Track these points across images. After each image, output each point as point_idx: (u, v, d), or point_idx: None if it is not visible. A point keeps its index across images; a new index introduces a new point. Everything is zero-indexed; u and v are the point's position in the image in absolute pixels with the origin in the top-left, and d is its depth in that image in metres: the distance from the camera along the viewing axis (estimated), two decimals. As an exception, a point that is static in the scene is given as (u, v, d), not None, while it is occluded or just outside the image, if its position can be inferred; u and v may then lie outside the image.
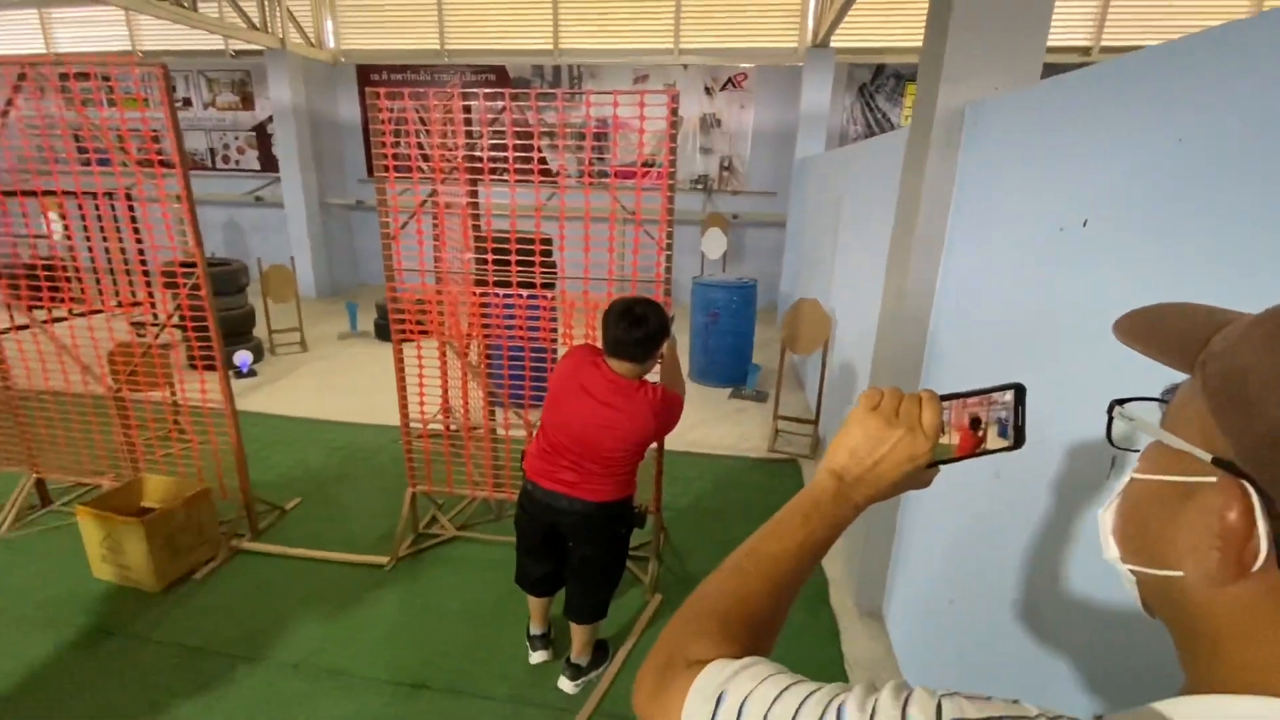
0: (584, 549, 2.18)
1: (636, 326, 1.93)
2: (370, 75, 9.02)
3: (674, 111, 2.46)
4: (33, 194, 3.01)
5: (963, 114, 2.07)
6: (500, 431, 3.25)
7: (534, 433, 2.20)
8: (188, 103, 9.41)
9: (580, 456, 2.01)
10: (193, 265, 2.89)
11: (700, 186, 8.26)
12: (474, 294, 2.90)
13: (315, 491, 3.64)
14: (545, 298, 2.92)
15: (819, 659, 2.49)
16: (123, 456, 3.23)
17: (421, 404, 3.07)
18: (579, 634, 2.30)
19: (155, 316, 4.62)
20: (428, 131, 2.91)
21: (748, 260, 8.43)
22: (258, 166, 9.52)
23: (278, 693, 2.26)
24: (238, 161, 9.62)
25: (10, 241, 3.28)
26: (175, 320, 3.00)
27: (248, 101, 9.35)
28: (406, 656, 2.45)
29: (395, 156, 2.72)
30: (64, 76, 2.73)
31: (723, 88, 8.02)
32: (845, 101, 7.80)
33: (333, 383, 5.49)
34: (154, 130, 2.66)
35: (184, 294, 2.88)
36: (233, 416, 3.05)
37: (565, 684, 2.31)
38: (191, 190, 2.78)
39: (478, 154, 2.91)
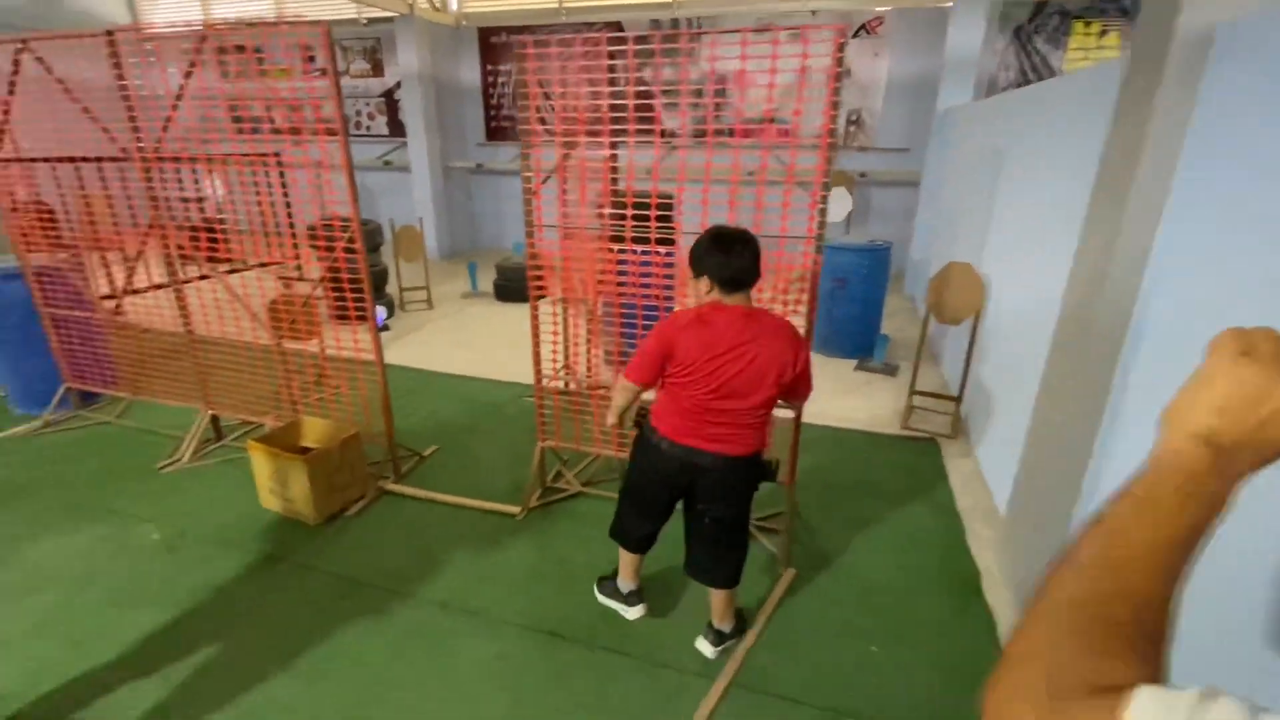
0: (718, 507, 2.08)
1: (747, 247, 1.86)
2: (490, 37, 9.15)
3: (841, 48, 2.22)
4: (208, 159, 3.26)
5: (1211, 37, 1.70)
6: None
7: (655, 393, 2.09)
8: (324, 72, 9.98)
9: (743, 408, 1.92)
10: (335, 225, 3.04)
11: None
12: (610, 251, 2.83)
13: (449, 440, 3.80)
14: (662, 254, 2.81)
15: (972, 660, 2.28)
16: (284, 399, 3.49)
17: (554, 361, 3.07)
18: (720, 599, 2.22)
19: (299, 270, 4.96)
20: (566, 87, 2.81)
21: (873, 222, 7.89)
22: (386, 131, 9.99)
23: (427, 628, 2.38)
24: (368, 127, 10.15)
25: (181, 203, 3.59)
26: (331, 276, 3.16)
27: (378, 68, 9.78)
28: (542, 605, 2.49)
29: (538, 111, 2.64)
30: (234, 49, 2.88)
31: (854, 34, 7.43)
32: (997, 45, 6.99)
33: (458, 338, 5.71)
34: (318, 98, 2.77)
35: (340, 251, 3.02)
36: (382, 367, 3.21)
37: (705, 648, 2.25)
38: (350, 154, 2.89)
39: (621, 107, 2.79)
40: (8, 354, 4.02)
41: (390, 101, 9.79)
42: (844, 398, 4.40)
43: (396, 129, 9.83)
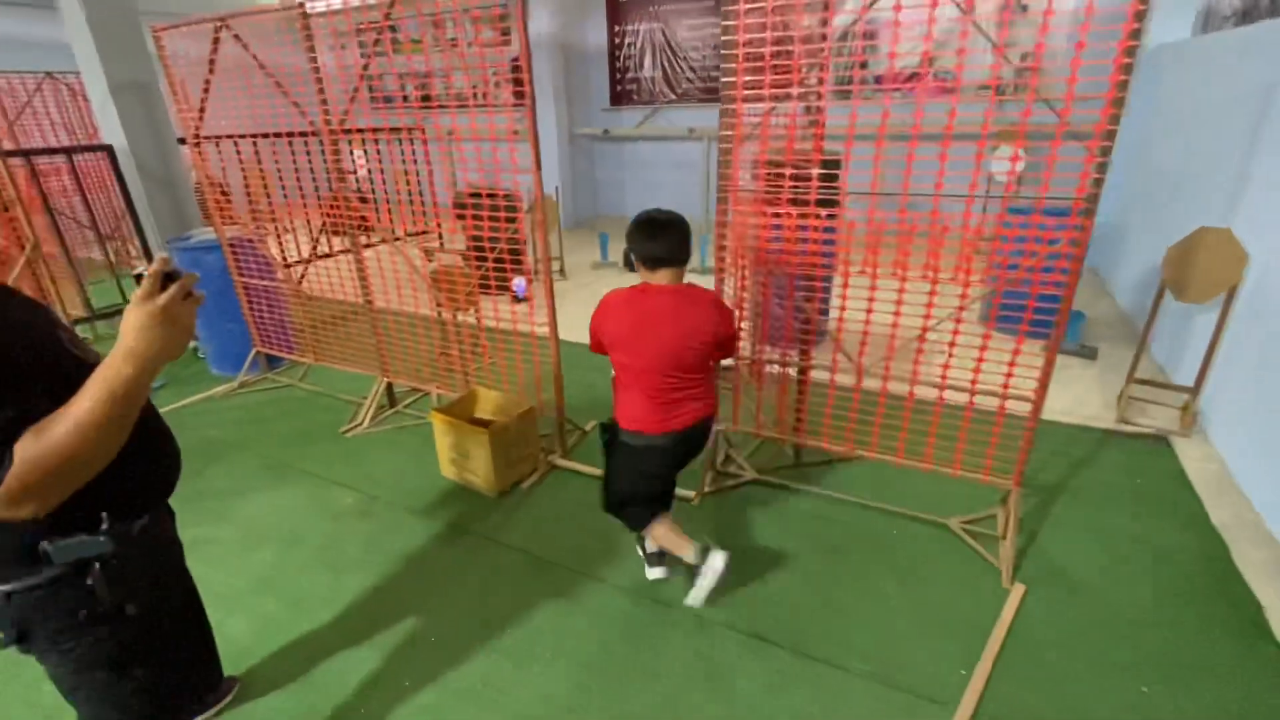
0: (681, 464, 2.26)
1: (669, 230, 2.00)
2: (618, -2, 8.87)
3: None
4: (392, 130, 3.27)
5: None
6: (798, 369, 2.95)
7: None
8: (454, 43, 10.16)
9: (684, 380, 2.05)
10: (479, 196, 2.96)
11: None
12: (814, 216, 2.54)
13: (606, 415, 3.71)
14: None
15: (1259, 710, 1.88)
16: (456, 369, 3.53)
17: (737, 339, 2.85)
18: (664, 523, 2.27)
19: (441, 241, 5.01)
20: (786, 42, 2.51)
21: (1047, 183, 6.97)
22: (513, 100, 10.05)
23: (626, 617, 2.29)
24: (496, 97, 10.26)
25: (349, 174, 3.66)
26: (481, 247, 3.10)
27: (505, 36, 9.80)
28: (738, 602, 2.34)
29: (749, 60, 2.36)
30: (422, 20, 2.81)
31: (1033, -33, 6.47)
32: (1221, -34, 5.83)
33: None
34: (512, 63, 2.68)
35: (502, 225, 2.94)
36: (555, 341, 3.14)
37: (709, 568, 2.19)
38: (537, 123, 2.78)
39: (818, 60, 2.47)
40: (207, 319, 4.36)
41: (517, 70, 9.80)
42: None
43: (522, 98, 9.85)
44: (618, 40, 9.16)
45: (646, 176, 9.73)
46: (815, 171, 2.35)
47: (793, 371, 2.87)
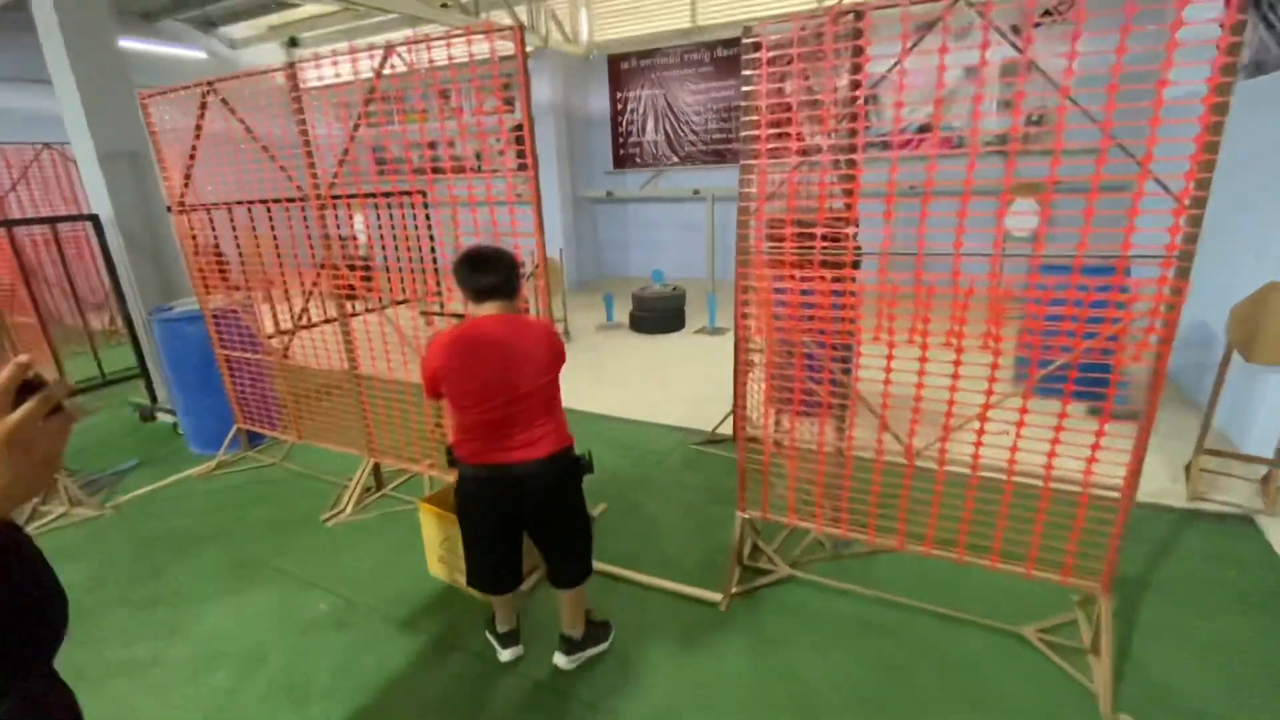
0: (552, 512, 2.09)
1: (495, 264, 1.97)
2: (620, 64, 9.00)
3: None
4: (383, 195, 3.06)
5: None
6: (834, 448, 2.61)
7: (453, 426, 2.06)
8: (459, 110, 10.30)
9: (521, 407, 1.94)
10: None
11: (1000, 148, 6.83)
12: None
13: (617, 496, 3.35)
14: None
15: None
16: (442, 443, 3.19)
17: (767, 413, 2.53)
18: (570, 603, 2.21)
19: (441, 307, 4.76)
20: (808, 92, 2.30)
21: (1063, 238, 6.79)
22: (515, 166, 10.09)
23: (644, 769, 1.87)
24: (495, 162, 10.32)
25: (337, 241, 3.46)
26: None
27: (509, 103, 9.93)
28: (784, 744, 1.92)
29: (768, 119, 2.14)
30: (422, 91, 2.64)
31: (1035, 25, 6.50)
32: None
33: (603, 375, 5.35)
34: (514, 129, 2.53)
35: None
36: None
37: (560, 660, 2.22)
38: (540, 186, 2.59)
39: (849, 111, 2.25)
40: (188, 393, 4.07)
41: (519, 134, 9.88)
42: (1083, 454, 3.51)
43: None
44: (620, 105, 9.24)
45: (650, 237, 9.65)
46: (852, 231, 2.08)
47: (831, 449, 2.52)
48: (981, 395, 2.06)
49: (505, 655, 2.27)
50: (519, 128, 2.58)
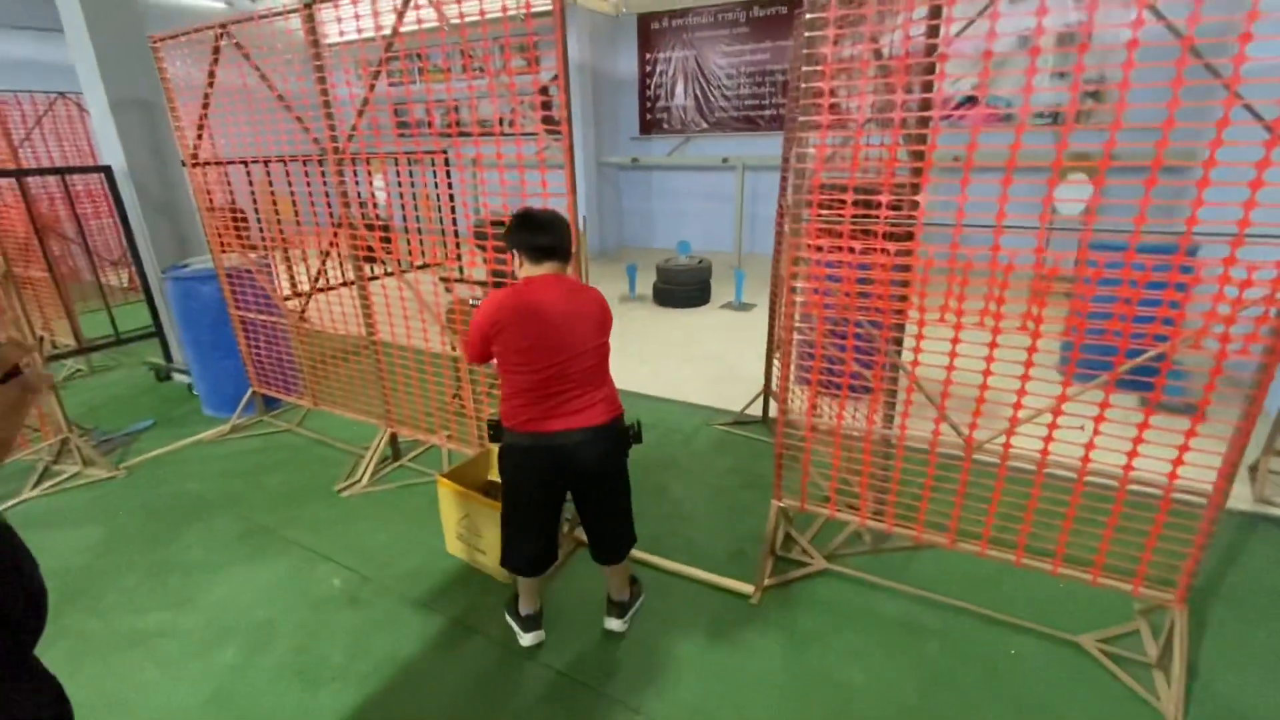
0: (602, 484, 2.02)
1: (553, 225, 1.91)
2: (651, 24, 8.63)
3: None
4: (405, 155, 2.87)
5: None
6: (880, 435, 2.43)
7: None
8: (488, 69, 9.99)
9: (580, 372, 1.87)
10: (502, 225, 2.54)
11: (1052, 121, 6.44)
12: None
13: (642, 478, 3.20)
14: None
15: None
16: (469, 416, 3.06)
17: (813, 395, 2.34)
18: (619, 572, 2.18)
19: (461, 271, 4.60)
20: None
21: (1116, 214, 6.43)
22: (545, 127, 9.80)
23: (673, 774, 1.75)
24: (522, 125, 10.03)
25: (356, 202, 3.29)
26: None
27: (534, 64, 9.61)
28: (821, 753, 1.79)
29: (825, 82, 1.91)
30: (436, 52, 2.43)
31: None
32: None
33: (625, 349, 5.18)
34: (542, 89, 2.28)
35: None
36: (585, 393, 2.65)
37: (614, 624, 2.21)
38: (574, 152, 2.39)
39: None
40: (201, 355, 3.98)
41: (545, 95, 9.58)
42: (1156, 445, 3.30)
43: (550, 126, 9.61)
44: (649, 68, 8.89)
45: (676, 207, 9.36)
46: (924, 198, 1.87)
47: (878, 436, 2.34)
48: (1054, 385, 1.86)
49: (527, 640, 2.17)
50: (545, 89, 2.38)
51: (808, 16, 1.88)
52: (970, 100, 6.87)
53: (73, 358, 4.81)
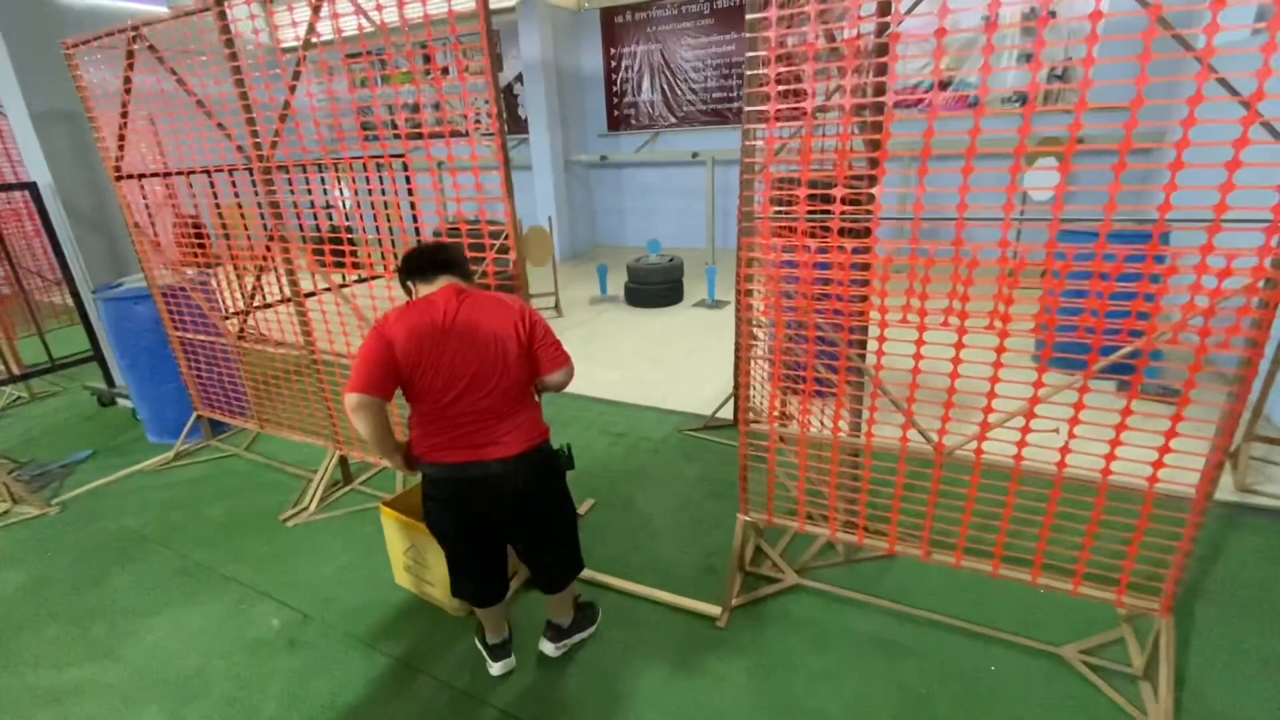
0: (529, 515, 1.84)
1: (443, 245, 1.83)
2: (614, 18, 8.46)
3: None
4: (330, 164, 2.70)
5: None
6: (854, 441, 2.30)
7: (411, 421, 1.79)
8: (445, 71, 9.75)
9: (485, 397, 1.69)
10: (479, 229, 2.38)
11: (1017, 104, 6.37)
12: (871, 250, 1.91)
13: (607, 490, 3.06)
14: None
15: None
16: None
17: (773, 403, 2.21)
18: (558, 598, 2.03)
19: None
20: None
21: (1083, 199, 6.38)
22: (506, 129, 9.59)
23: (629, 830, 1.61)
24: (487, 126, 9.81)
25: (313, 211, 3.10)
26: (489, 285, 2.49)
27: (496, 64, 9.38)
28: (790, 795, 1.65)
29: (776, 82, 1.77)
30: (368, 54, 2.25)
31: (1062, -31, 5.98)
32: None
33: (595, 353, 5.03)
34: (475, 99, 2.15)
35: (490, 258, 2.34)
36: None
37: (547, 647, 2.08)
38: (509, 155, 2.23)
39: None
40: (140, 379, 3.76)
41: (509, 97, 9.37)
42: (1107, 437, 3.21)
43: (515, 126, 9.41)
44: (614, 63, 8.72)
45: (647, 204, 9.22)
46: (880, 191, 1.73)
47: (845, 438, 2.21)
48: (1028, 382, 1.74)
49: (496, 669, 2.04)
50: (509, 89, 2.22)
51: (749, 49, 1.72)
52: (938, 86, 6.80)
53: (10, 385, 4.55)
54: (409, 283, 1.82)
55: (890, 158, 1.80)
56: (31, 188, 3.75)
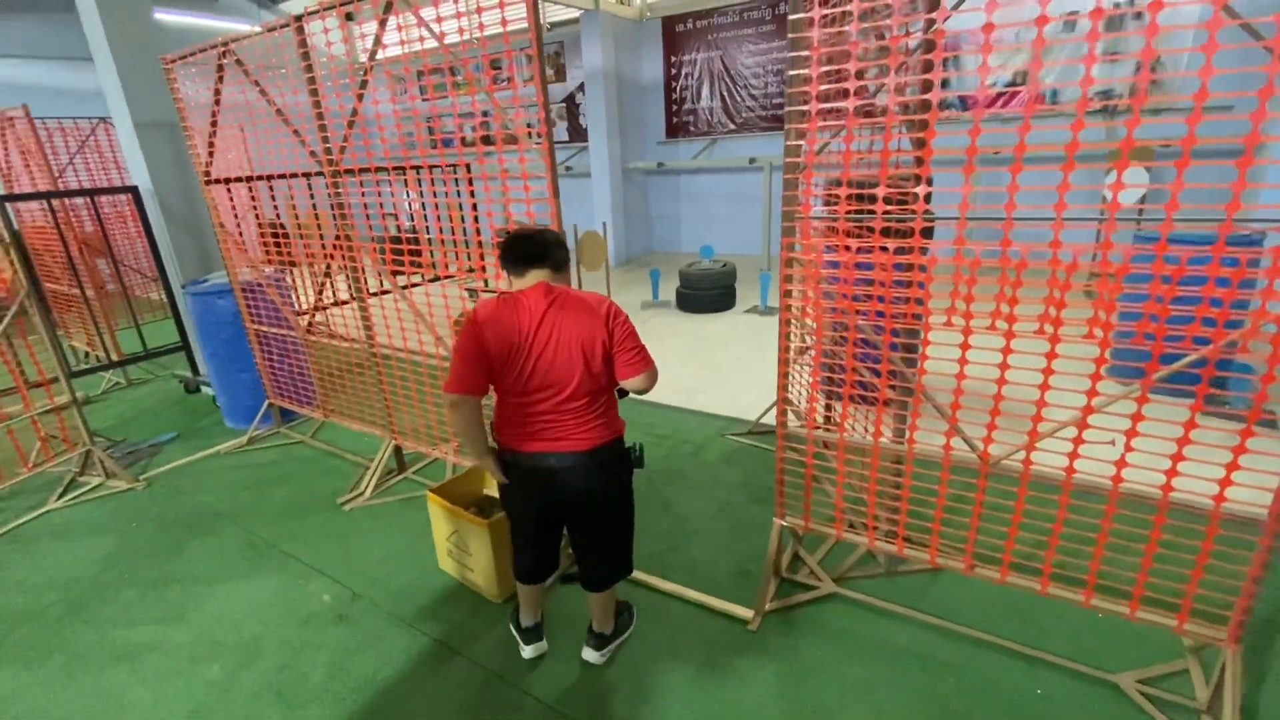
0: (589, 511, 1.87)
1: (538, 237, 1.78)
2: (675, 26, 8.54)
3: None
4: (396, 169, 2.85)
5: None
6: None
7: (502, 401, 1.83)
8: (510, 81, 10.08)
9: (560, 392, 1.71)
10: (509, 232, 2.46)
11: (1103, 107, 6.04)
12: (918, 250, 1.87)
13: (648, 492, 3.08)
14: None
15: None
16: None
17: (813, 405, 2.18)
18: (599, 602, 2.03)
19: (486, 283, 4.57)
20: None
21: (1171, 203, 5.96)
22: (566, 138, 9.82)
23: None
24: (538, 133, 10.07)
25: (379, 214, 3.27)
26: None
27: (560, 74, 9.63)
28: (813, 803, 1.62)
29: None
30: (431, 71, 2.38)
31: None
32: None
33: (643, 356, 5.07)
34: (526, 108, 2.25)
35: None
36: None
37: (590, 654, 2.07)
38: (560, 162, 2.29)
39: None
40: (220, 368, 4.05)
41: (571, 106, 9.59)
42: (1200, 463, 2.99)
43: (577, 134, 9.62)
44: (674, 71, 8.80)
45: (703, 210, 9.23)
46: (923, 192, 1.70)
47: (887, 445, 2.15)
48: (1078, 394, 1.66)
49: (528, 651, 2.11)
50: (571, 98, 2.30)
51: (791, 52, 1.73)
52: (1025, 86, 6.51)
53: (110, 370, 4.99)
54: (505, 269, 1.82)
55: (932, 168, 1.75)
56: (134, 191, 4.11)
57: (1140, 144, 1.52)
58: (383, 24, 2.45)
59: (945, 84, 6.10)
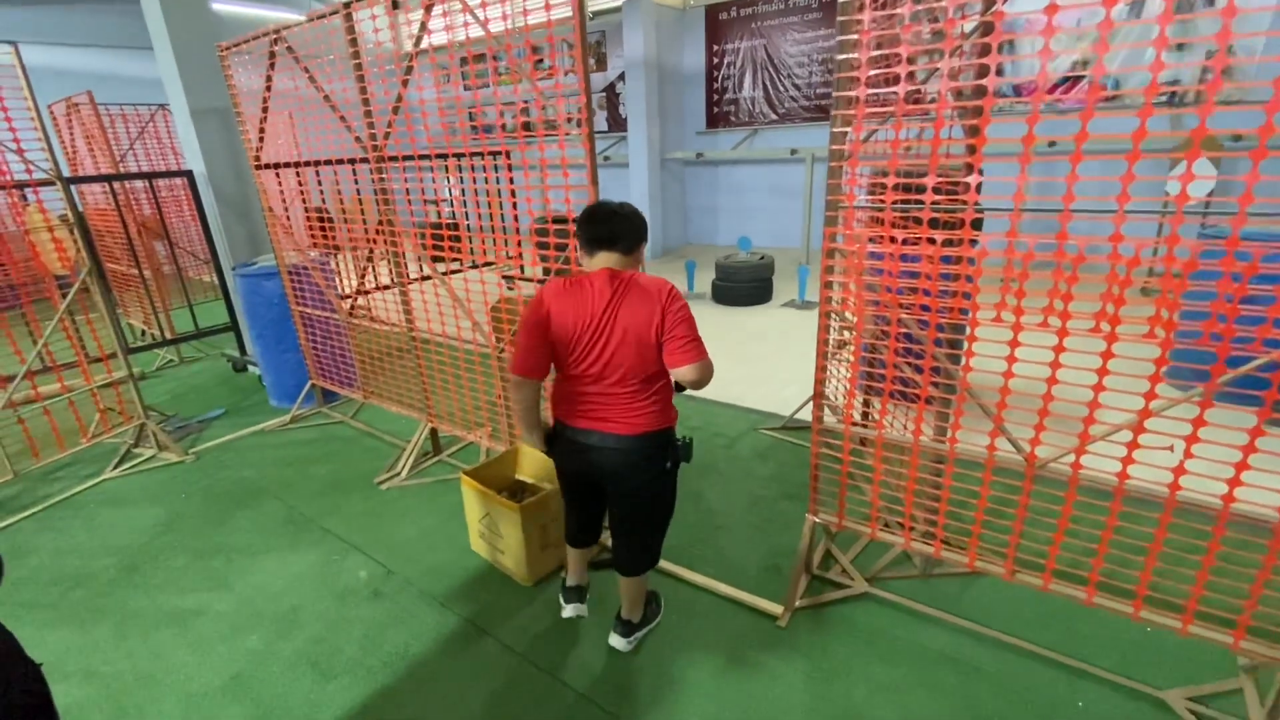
0: (626, 495, 1.89)
1: (616, 215, 1.75)
2: (719, 15, 8.43)
3: None
4: (438, 157, 2.87)
5: None
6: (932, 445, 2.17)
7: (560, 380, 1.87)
8: (552, 69, 10.10)
9: (610, 376, 1.73)
10: (562, 222, 2.45)
11: (1170, 99, 5.73)
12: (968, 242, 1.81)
13: (679, 483, 3.06)
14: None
15: None
16: (500, 414, 3.04)
17: (850, 399, 2.14)
18: (628, 588, 2.05)
19: (523, 269, 4.59)
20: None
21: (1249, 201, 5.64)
22: (606, 127, 9.81)
23: (670, 810, 1.62)
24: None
25: (423, 204, 3.31)
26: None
27: (601, 63, 9.62)
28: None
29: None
30: (475, 58, 2.38)
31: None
32: None
33: (677, 347, 5.04)
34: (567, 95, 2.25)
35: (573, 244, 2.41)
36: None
37: (617, 641, 2.10)
38: (599, 151, 2.29)
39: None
40: (266, 348, 4.18)
41: (610, 95, 9.57)
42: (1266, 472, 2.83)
43: (616, 123, 9.59)
44: (716, 60, 8.69)
45: (741, 202, 9.12)
46: (974, 181, 1.63)
47: (927, 443, 2.09)
48: (1135, 397, 1.58)
49: (568, 610, 2.21)
50: (611, 88, 2.29)
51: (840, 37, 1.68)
52: (1089, 77, 6.23)
53: (164, 348, 5.20)
54: (579, 243, 1.82)
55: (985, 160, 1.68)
56: (189, 175, 4.25)
57: (1211, 134, 1.43)
58: (428, 9, 2.46)
59: (1000, 71, 5.88)
